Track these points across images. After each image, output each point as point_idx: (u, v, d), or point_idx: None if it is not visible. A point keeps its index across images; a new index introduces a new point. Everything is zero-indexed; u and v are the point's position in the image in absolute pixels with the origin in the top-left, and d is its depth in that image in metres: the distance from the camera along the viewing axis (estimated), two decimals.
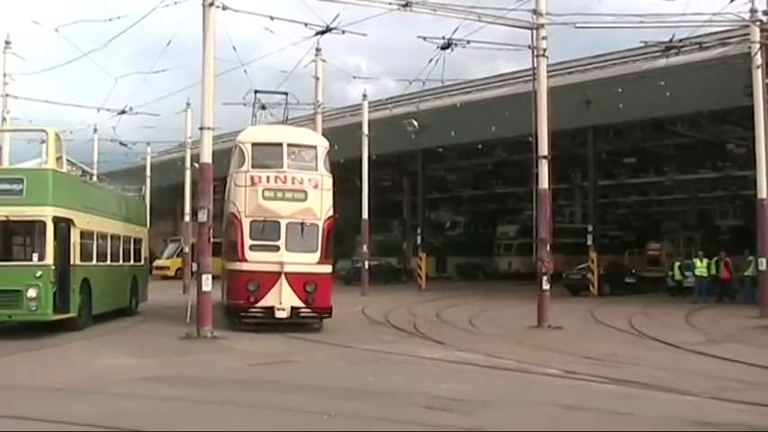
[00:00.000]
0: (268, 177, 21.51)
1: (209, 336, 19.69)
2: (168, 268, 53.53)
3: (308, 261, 21.33)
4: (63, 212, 20.08)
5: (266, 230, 21.24)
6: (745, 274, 32.70)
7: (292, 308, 21.12)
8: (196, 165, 26.28)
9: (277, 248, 21.13)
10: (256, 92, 27.36)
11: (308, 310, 21.40)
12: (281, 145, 21.96)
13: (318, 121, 32.83)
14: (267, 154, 22.00)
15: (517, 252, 56.66)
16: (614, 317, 26.39)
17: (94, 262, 22.39)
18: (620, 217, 70.13)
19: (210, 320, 20.11)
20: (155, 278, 41.98)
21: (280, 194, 21.49)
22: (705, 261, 35.55)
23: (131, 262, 26.70)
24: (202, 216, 20.60)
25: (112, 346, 18.99)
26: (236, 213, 21.64)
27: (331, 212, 22.02)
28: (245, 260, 21.32)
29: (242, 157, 22.03)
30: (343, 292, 40.27)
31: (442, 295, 37.67)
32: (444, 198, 71.34)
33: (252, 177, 21.42)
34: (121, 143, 42.47)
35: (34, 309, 18.93)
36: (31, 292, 18.86)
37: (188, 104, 40.55)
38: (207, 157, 20.77)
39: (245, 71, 26.43)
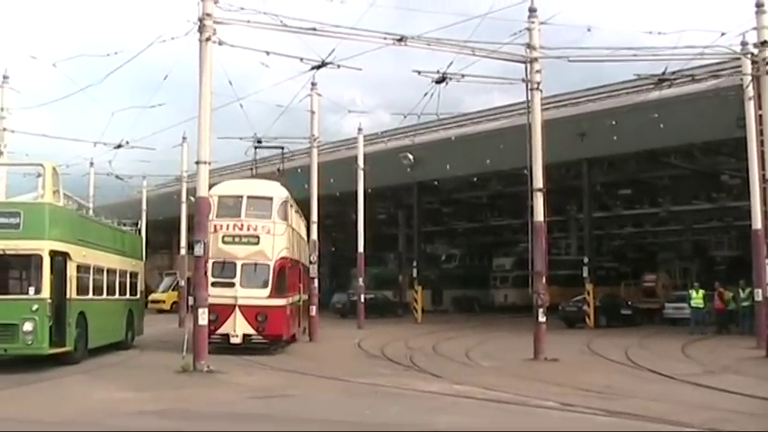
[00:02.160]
0: (228, 225, 24.88)
1: (205, 369, 19.59)
2: (164, 302, 53.33)
3: (260, 295, 24.53)
4: (59, 246, 20.09)
5: (225, 270, 24.40)
6: (743, 304, 32.61)
7: (245, 335, 24.37)
8: (192, 198, 26.60)
9: (233, 285, 24.34)
10: (255, 147, 31.08)
11: (260, 337, 24.63)
12: (241, 197, 25.48)
13: (314, 154, 32.90)
14: (230, 205, 25.33)
15: (513, 284, 56.43)
16: (611, 349, 26.35)
17: (90, 295, 22.32)
18: (615, 248, 70.15)
19: (206, 354, 20.04)
20: (150, 312, 41.80)
21: (237, 239, 24.86)
22: (701, 292, 35.51)
23: (127, 295, 26.63)
24: (199, 249, 20.62)
25: (109, 379, 18.96)
26: None
27: (284, 254, 25.38)
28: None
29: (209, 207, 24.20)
30: (338, 325, 40.43)
31: (439, 328, 37.58)
32: (440, 231, 71.36)
33: (215, 226, 24.27)
34: (117, 177, 42.34)
35: (30, 342, 18.93)
36: (27, 326, 18.88)
37: (184, 138, 40.64)
38: (203, 191, 20.90)
39: (241, 105, 26.68)
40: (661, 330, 36.78)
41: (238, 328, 24.21)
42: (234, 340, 24.20)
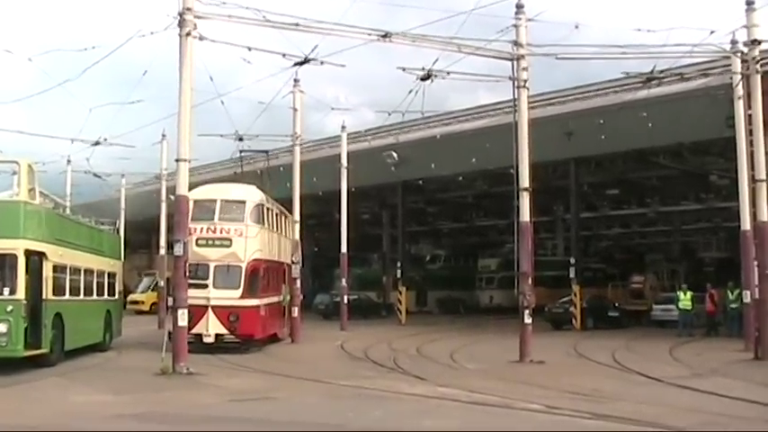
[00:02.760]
0: (202, 229, 25.71)
1: (185, 372, 19.36)
2: (143, 303, 52.73)
3: (232, 296, 25.43)
4: (35, 245, 19.79)
5: (199, 271, 24.77)
6: (732, 306, 32.42)
7: (217, 334, 25.19)
8: (172, 197, 26.46)
9: (206, 286, 25.16)
10: (241, 152, 32.33)
11: (232, 336, 25.45)
12: (215, 201, 26.50)
13: (296, 152, 32.57)
14: (205, 208, 26.05)
15: (499, 286, 56.32)
16: (598, 351, 26.21)
17: (67, 296, 22.01)
18: (602, 249, 70.25)
19: (186, 356, 19.78)
20: (129, 313, 41.44)
21: (210, 242, 25.79)
22: (689, 294, 35.31)
23: (105, 296, 26.30)
24: (178, 249, 20.36)
25: (86, 382, 18.72)
26: None
27: (256, 255, 26.37)
28: None
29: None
30: (321, 326, 40.24)
31: (423, 330, 37.29)
32: (424, 231, 71.33)
33: (190, 229, 23.63)
34: (95, 175, 41.89)
35: (4, 344, 18.64)
36: (2, 327, 18.60)
37: (164, 136, 40.25)
38: (183, 190, 20.66)
39: (222, 102, 26.56)
40: (648, 332, 36.65)
41: (211, 327, 24.99)
42: (207, 340, 24.85)
